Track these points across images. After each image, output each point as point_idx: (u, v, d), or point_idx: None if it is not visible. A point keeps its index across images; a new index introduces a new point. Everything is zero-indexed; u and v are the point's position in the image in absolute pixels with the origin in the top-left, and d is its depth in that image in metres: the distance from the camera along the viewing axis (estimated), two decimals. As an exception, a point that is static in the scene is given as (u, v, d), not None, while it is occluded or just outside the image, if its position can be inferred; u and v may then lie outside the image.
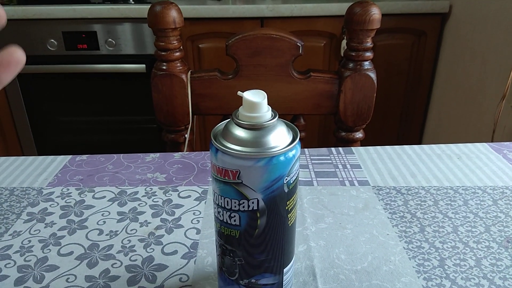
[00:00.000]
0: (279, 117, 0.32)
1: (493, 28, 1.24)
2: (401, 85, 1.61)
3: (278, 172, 0.30)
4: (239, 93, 0.31)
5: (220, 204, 0.32)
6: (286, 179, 0.31)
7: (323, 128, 1.68)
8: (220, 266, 0.35)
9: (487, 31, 1.26)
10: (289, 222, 0.33)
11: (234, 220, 0.32)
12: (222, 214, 0.32)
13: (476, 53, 1.33)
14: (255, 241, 0.32)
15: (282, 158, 0.30)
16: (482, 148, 0.65)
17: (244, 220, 0.31)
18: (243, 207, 0.31)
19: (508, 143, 0.67)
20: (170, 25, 0.73)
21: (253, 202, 0.31)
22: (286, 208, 0.32)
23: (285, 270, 0.35)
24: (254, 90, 0.31)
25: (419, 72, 1.59)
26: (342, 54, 1.52)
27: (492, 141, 1.10)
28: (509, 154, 0.63)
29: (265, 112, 0.31)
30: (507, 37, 1.17)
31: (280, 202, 0.32)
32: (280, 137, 0.31)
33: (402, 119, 1.67)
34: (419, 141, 1.72)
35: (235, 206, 0.31)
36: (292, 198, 0.33)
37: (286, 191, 0.31)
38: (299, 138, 0.32)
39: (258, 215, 0.31)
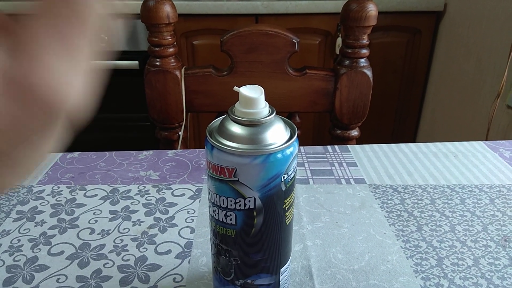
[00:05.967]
0: (275, 114, 0.31)
1: (488, 26, 1.24)
2: (395, 83, 1.61)
3: (275, 170, 0.29)
4: (236, 88, 0.30)
5: (215, 202, 0.31)
6: (284, 177, 0.30)
7: (317, 126, 1.67)
8: (215, 266, 0.35)
9: (482, 29, 1.26)
10: (286, 221, 0.32)
11: (230, 219, 0.31)
12: (218, 213, 0.31)
13: (471, 51, 1.33)
14: (252, 240, 0.31)
15: (279, 155, 0.29)
16: (478, 147, 0.65)
17: (241, 219, 0.31)
18: (240, 205, 0.30)
19: (504, 141, 0.67)
20: (164, 20, 0.71)
21: (249, 201, 0.30)
22: (284, 206, 0.31)
23: (281, 270, 0.34)
24: (251, 85, 0.30)
25: (414, 70, 1.59)
26: (337, 52, 1.52)
27: (486, 139, 1.10)
28: (505, 152, 0.63)
29: (262, 108, 0.30)
30: (501, 35, 1.17)
31: (277, 201, 0.31)
32: (277, 134, 0.30)
33: (397, 117, 1.67)
34: (413, 140, 1.72)
35: (231, 205, 0.30)
36: (290, 196, 0.32)
37: (283, 189, 0.31)
38: (297, 135, 0.31)
39: (255, 214, 0.30)
